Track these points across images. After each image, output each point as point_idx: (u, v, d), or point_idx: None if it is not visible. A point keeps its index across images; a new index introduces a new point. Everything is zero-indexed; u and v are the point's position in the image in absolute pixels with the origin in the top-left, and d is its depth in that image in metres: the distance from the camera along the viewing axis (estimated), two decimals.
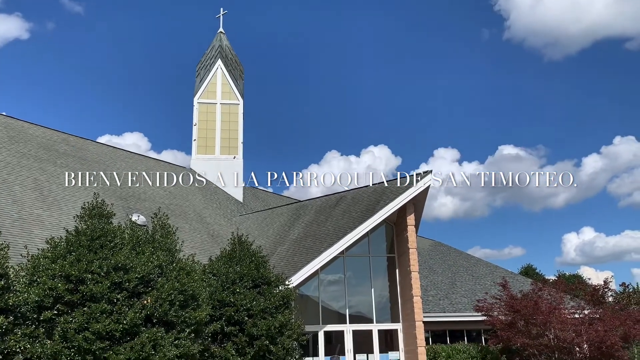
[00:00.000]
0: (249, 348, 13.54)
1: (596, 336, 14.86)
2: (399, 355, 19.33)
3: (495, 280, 22.18)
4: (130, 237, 12.31)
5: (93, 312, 10.26)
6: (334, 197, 23.87)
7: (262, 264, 15.27)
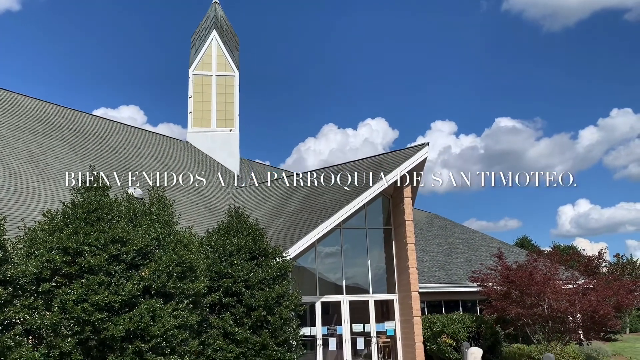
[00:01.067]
0: (247, 319, 13.70)
1: (589, 306, 15.07)
2: (394, 325, 19.62)
3: (490, 251, 22.39)
4: (127, 209, 12.33)
5: (91, 284, 10.33)
6: (331, 170, 23.86)
7: (259, 236, 15.35)
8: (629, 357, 20.65)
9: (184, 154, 27.24)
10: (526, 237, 59.49)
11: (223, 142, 29.28)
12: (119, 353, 10.44)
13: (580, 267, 18.43)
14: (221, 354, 13.21)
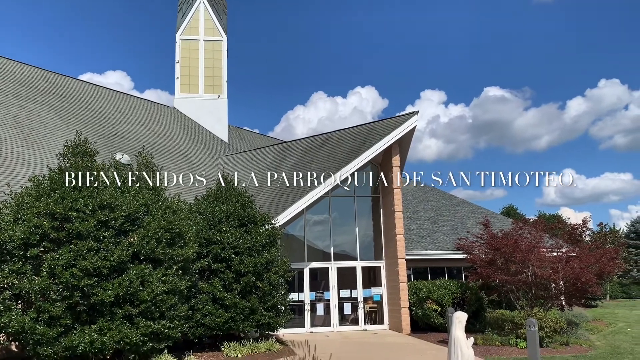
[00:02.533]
0: (236, 284, 13.83)
1: (572, 273, 15.38)
2: (381, 291, 19.93)
3: (477, 219, 22.63)
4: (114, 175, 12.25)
5: (80, 250, 10.34)
6: (320, 138, 23.81)
7: (248, 203, 15.37)
8: (608, 323, 21.25)
9: (171, 120, 26.96)
10: (512, 206, 60.27)
11: (211, 109, 28.98)
12: (109, 317, 10.54)
13: (565, 236, 18.73)
14: (210, 319, 13.37)
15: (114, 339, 10.32)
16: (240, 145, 29.32)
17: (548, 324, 14.18)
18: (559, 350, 13.63)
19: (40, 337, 9.84)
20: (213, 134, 28.26)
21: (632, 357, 12.62)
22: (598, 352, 13.43)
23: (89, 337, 10.08)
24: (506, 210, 56.79)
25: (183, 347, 13.09)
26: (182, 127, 26.91)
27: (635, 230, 48.77)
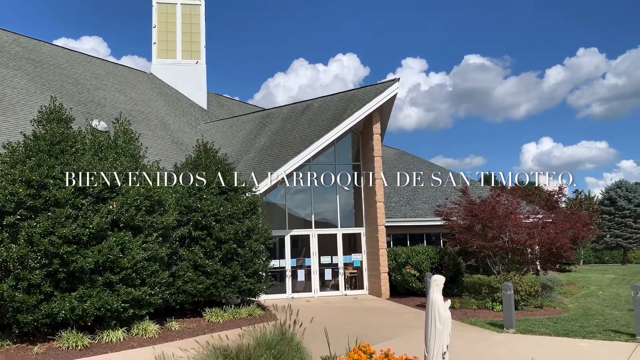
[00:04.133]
0: (217, 251, 13.87)
1: (547, 238, 15.74)
2: (361, 257, 20.20)
3: (456, 187, 22.89)
4: (91, 142, 12.06)
5: (58, 217, 10.23)
6: (301, 106, 23.64)
7: (228, 171, 15.29)
8: (581, 286, 21.90)
9: (148, 86, 26.45)
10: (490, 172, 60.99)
11: (189, 75, 28.46)
12: (89, 285, 10.52)
13: (541, 202, 19.07)
14: (192, 285, 13.43)
15: (94, 305, 10.32)
16: (220, 112, 28.97)
17: (523, 287, 14.56)
18: (533, 313, 14.04)
19: (19, 304, 9.79)
20: (192, 101, 27.84)
21: (602, 318, 13.07)
22: (570, 314, 13.87)
23: (69, 304, 10.07)
24: (485, 178, 57.53)
25: (165, 314, 13.17)
26: (159, 93, 26.44)
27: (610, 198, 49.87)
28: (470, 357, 8.71)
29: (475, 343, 10.15)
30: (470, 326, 12.32)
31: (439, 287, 6.27)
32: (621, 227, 47.70)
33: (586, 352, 9.05)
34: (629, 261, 47.61)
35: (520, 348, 9.42)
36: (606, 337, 10.41)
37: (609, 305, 15.73)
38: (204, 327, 12.47)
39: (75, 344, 9.96)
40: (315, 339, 8.06)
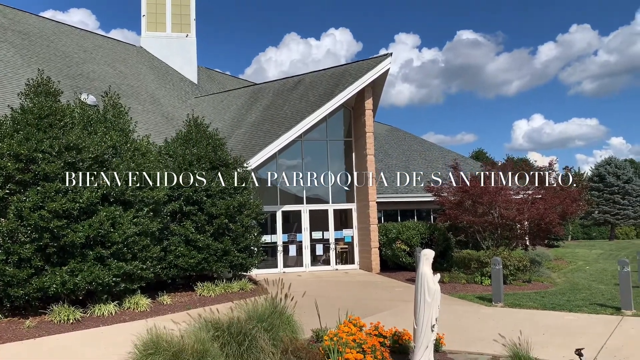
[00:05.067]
0: (209, 226, 13.87)
1: (537, 213, 15.89)
2: (352, 233, 20.31)
3: (447, 163, 22.95)
4: (80, 116, 11.93)
5: (47, 192, 10.16)
6: (292, 81, 23.46)
7: (220, 146, 15.21)
8: (569, 261, 22.23)
9: (138, 60, 26.08)
10: (481, 149, 61.24)
11: (179, 48, 28.06)
12: (80, 259, 10.51)
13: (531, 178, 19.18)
14: (183, 260, 13.47)
15: (85, 279, 10.34)
16: (211, 87, 28.69)
17: (512, 262, 14.74)
18: (522, 287, 14.25)
19: (10, 278, 9.78)
20: (182, 75, 27.52)
21: (589, 292, 13.29)
22: (558, 288, 14.09)
23: (60, 278, 10.07)
24: (475, 154, 57.73)
25: (156, 288, 13.23)
26: (149, 67, 26.09)
27: (599, 174, 50.27)
28: (459, 330, 8.86)
29: (464, 316, 10.31)
30: (459, 300, 12.50)
31: (428, 261, 6.33)
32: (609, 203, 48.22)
33: (572, 325, 9.22)
34: (616, 237, 48.29)
35: (508, 321, 9.58)
36: (592, 311, 10.60)
37: (596, 280, 15.98)
38: (196, 301, 12.55)
39: (67, 317, 10.01)
40: (306, 312, 8.14)
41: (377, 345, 6.60)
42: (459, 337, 8.35)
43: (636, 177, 51.55)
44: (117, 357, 6.59)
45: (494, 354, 7.21)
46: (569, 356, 6.98)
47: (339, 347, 6.09)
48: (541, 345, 7.52)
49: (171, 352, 5.60)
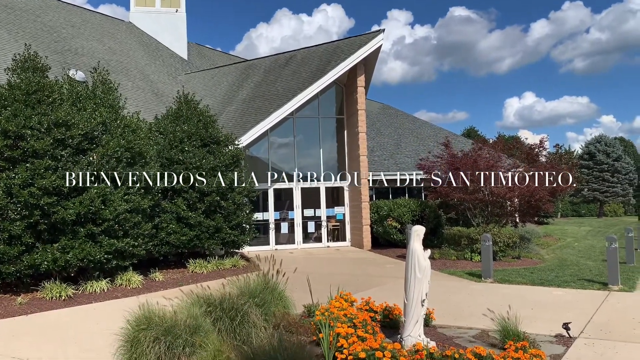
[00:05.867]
0: (200, 204, 13.86)
1: (527, 191, 16.01)
2: (344, 210, 20.39)
3: (438, 141, 22.94)
4: (69, 92, 11.77)
5: (37, 169, 10.08)
6: (284, 57, 23.23)
7: (211, 123, 15.11)
8: (557, 238, 22.50)
9: (127, 35, 25.68)
10: (473, 127, 61.34)
11: (169, 24, 27.64)
12: (71, 236, 10.49)
13: (522, 155, 19.27)
14: (175, 237, 13.47)
15: (77, 257, 10.33)
16: (201, 63, 28.36)
17: (502, 239, 14.88)
18: (511, 263, 14.42)
19: (1, 255, 9.75)
20: (172, 51, 27.16)
21: (577, 268, 13.48)
22: (546, 265, 14.28)
23: (51, 255, 10.06)
24: (467, 132, 57.81)
25: (148, 265, 13.26)
26: (138, 43, 25.71)
27: (589, 152, 50.56)
28: (449, 305, 8.97)
29: (454, 292, 10.43)
30: (449, 276, 12.64)
31: (419, 238, 6.37)
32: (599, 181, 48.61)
33: (560, 300, 9.37)
34: (604, 214, 48.84)
35: (497, 296, 9.72)
36: (580, 286, 10.77)
37: (584, 256, 16.20)
38: (188, 278, 12.61)
39: (58, 294, 10.02)
40: (298, 288, 8.20)
41: (368, 320, 6.67)
42: (448, 312, 8.47)
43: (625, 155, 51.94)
44: (109, 332, 6.62)
45: (483, 328, 7.32)
46: (557, 330, 7.11)
47: (330, 322, 6.15)
48: (529, 319, 7.64)
49: (164, 328, 5.63)
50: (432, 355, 5.50)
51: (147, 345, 5.48)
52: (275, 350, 4.72)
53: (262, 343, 5.70)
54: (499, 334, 6.53)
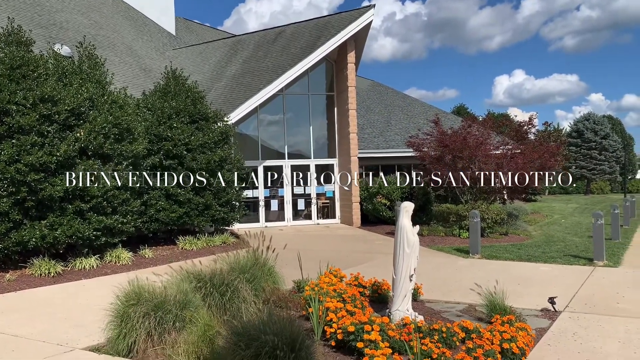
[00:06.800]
0: (189, 180, 13.80)
1: (515, 168, 16.10)
2: (334, 188, 20.43)
3: (428, 119, 22.91)
4: (54, 67, 11.57)
5: (23, 145, 9.96)
6: (273, 32, 22.96)
7: (199, 99, 14.97)
8: (545, 215, 22.74)
9: (113, 9, 25.18)
10: (463, 105, 61.36)
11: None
12: (59, 213, 10.43)
13: (511, 133, 19.35)
14: (164, 214, 13.45)
15: (65, 233, 10.28)
16: (189, 38, 27.96)
17: (490, 215, 15.01)
18: (499, 240, 14.58)
19: None
20: (159, 26, 26.71)
21: (563, 244, 13.66)
22: (533, 241, 14.45)
23: (39, 232, 10.00)
24: (457, 109, 57.86)
25: (138, 242, 13.24)
26: (125, 17, 25.24)
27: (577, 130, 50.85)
28: (437, 280, 9.08)
29: (442, 267, 10.55)
30: (437, 252, 12.76)
31: (408, 214, 6.39)
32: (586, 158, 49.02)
33: (547, 276, 9.51)
34: (591, 192, 49.39)
35: (485, 272, 9.84)
36: (566, 262, 10.92)
37: (570, 233, 16.41)
38: (178, 255, 12.62)
39: (47, 271, 9.99)
40: (287, 264, 8.24)
41: (356, 295, 6.74)
42: (436, 287, 8.57)
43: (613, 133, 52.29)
44: (99, 308, 6.63)
45: (471, 303, 7.42)
46: (543, 304, 7.22)
47: (319, 297, 6.20)
48: (516, 294, 7.75)
49: (153, 303, 5.64)
50: (420, 328, 5.58)
51: (137, 321, 5.49)
52: (264, 324, 4.75)
53: (252, 317, 5.74)
54: (486, 308, 6.62)
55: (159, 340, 5.53)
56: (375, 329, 5.33)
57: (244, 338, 4.60)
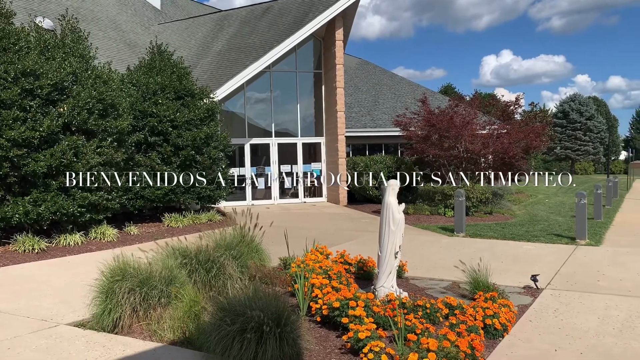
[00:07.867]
0: (175, 157, 13.71)
1: (501, 147, 16.22)
2: (321, 166, 20.42)
3: (416, 97, 22.90)
4: (36, 40, 11.32)
5: (5, 119, 9.78)
6: (260, 8, 22.66)
7: (185, 75, 14.77)
8: (529, 195, 22.98)
9: None
10: (450, 84, 61.37)
11: None
12: (43, 189, 10.32)
13: (498, 113, 19.43)
14: (150, 191, 13.36)
15: (49, 210, 10.19)
16: (175, 13, 27.48)
17: (475, 194, 15.13)
18: (483, 219, 14.73)
19: None
20: (144, 0, 26.20)
21: (547, 223, 13.84)
22: (517, 220, 14.62)
23: (22, 208, 9.90)
24: (444, 89, 57.85)
25: (123, 219, 13.17)
26: None
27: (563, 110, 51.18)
28: (421, 258, 9.16)
29: (427, 245, 10.65)
30: (422, 230, 12.86)
31: (394, 192, 6.41)
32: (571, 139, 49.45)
33: (530, 254, 9.65)
34: (575, 172, 49.95)
35: (469, 250, 9.95)
36: (549, 241, 11.08)
37: (554, 212, 16.62)
38: (164, 232, 12.58)
39: (31, 247, 9.91)
40: (274, 242, 8.26)
41: (342, 272, 6.78)
42: (421, 264, 8.66)
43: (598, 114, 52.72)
44: (83, 284, 6.61)
45: (454, 280, 7.52)
46: (525, 282, 7.34)
47: (305, 274, 6.23)
48: (499, 272, 7.86)
49: (139, 279, 5.63)
50: (404, 304, 5.64)
51: (122, 296, 5.48)
52: (250, 300, 4.76)
53: (237, 294, 5.76)
54: (470, 285, 6.71)
55: (144, 316, 5.54)
56: (360, 304, 5.38)
57: (229, 314, 4.61)
